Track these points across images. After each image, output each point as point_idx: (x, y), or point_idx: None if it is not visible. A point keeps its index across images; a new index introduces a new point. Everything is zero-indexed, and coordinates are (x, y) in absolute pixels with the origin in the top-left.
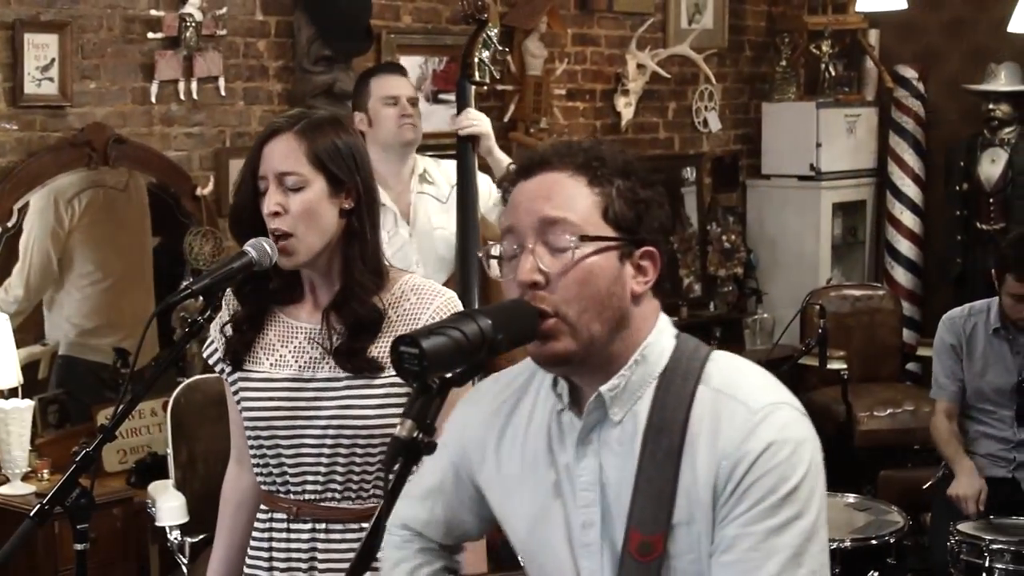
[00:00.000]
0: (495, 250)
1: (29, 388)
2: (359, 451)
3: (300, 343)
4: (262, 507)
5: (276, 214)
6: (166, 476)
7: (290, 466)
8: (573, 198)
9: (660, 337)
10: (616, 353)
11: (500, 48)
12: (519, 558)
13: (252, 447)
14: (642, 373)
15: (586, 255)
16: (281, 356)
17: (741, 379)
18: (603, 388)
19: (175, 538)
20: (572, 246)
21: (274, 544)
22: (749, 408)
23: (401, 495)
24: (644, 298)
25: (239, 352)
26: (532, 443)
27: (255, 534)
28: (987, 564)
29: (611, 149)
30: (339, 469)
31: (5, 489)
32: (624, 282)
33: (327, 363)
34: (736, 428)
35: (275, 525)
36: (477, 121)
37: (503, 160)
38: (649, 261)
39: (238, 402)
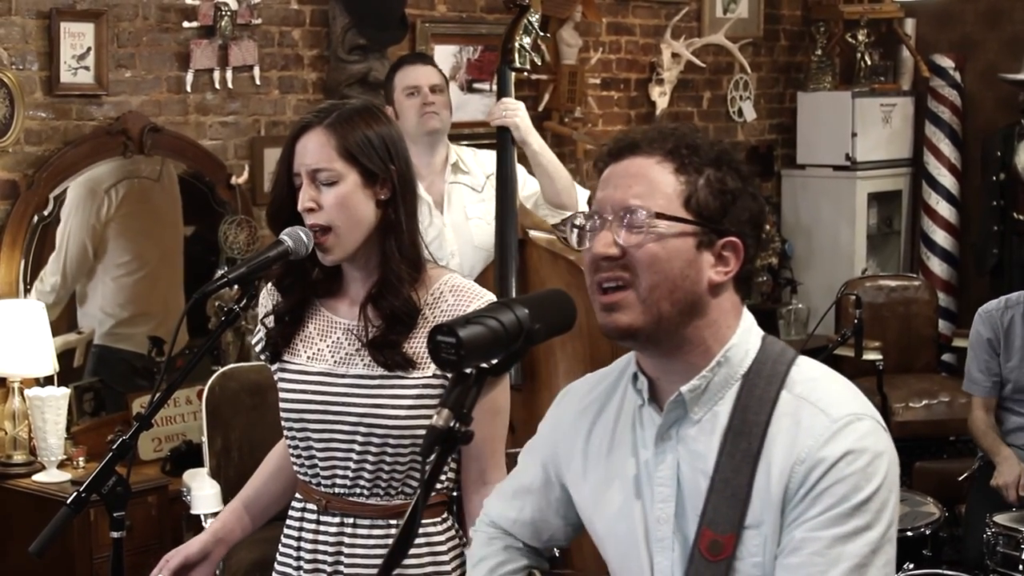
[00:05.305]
0: (578, 220)
1: (64, 376)
2: (389, 449)
3: (338, 338)
4: (297, 496)
5: (311, 210)
6: (201, 464)
7: (320, 459)
8: (657, 184)
9: (745, 337)
10: (690, 340)
11: (541, 34)
12: (602, 554)
13: (286, 437)
14: (725, 375)
15: (661, 234)
16: (319, 350)
17: (824, 387)
18: (684, 388)
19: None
20: (648, 223)
21: (303, 535)
22: (830, 416)
23: (494, 492)
24: (724, 289)
25: (278, 344)
26: (619, 440)
27: (289, 522)
28: None
29: (706, 138)
30: (368, 466)
31: (41, 477)
32: (700, 268)
33: (362, 359)
34: (815, 434)
35: (307, 516)
36: (510, 110)
37: (541, 151)
38: (731, 252)
39: (279, 391)
